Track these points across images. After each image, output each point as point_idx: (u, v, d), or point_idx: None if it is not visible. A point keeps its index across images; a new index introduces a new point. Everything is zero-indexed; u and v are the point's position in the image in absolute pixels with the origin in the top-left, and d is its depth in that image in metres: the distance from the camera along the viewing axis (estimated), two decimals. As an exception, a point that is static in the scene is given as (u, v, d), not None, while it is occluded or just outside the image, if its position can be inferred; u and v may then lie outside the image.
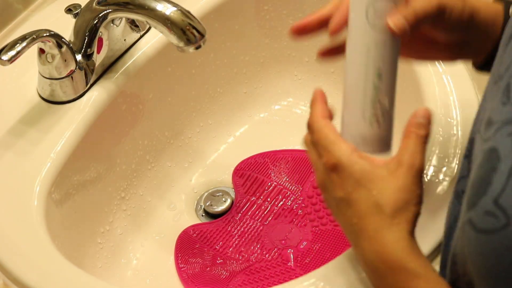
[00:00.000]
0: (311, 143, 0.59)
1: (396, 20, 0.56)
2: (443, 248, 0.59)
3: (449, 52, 0.64)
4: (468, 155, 0.55)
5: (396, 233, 0.54)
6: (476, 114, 0.55)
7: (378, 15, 0.56)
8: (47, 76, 0.83)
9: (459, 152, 0.76)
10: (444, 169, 0.75)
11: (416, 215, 0.56)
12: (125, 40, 0.89)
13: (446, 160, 0.76)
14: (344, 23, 0.59)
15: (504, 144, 0.44)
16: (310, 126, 0.59)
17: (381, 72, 0.57)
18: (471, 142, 0.54)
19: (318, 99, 0.60)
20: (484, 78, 0.85)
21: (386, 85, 0.57)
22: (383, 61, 0.57)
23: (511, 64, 0.49)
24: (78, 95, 0.85)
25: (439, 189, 0.73)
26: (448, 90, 0.83)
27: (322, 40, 1.02)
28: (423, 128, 0.57)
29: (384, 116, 0.58)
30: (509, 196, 0.43)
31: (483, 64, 0.64)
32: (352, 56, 0.57)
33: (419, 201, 0.56)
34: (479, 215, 0.44)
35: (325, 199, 0.60)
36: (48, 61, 0.81)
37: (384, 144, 0.59)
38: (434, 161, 0.76)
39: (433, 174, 0.75)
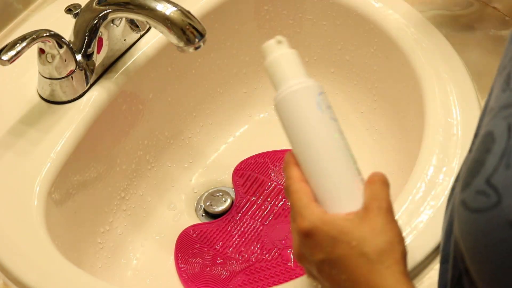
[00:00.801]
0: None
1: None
2: (443, 246, 0.59)
3: None
4: (470, 150, 0.55)
5: (390, 278, 0.53)
6: (482, 109, 0.55)
7: (326, 104, 0.58)
8: (47, 76, 0.83)
9: (459, 152, 0.76)
10: (444, 169, 0.75)
11: (404, 254, 0.55)
12: (125, 40, 0.89)
13: (446, 160, 0.76)
14: None
15: (499, 126, 0.45)
16: (285, 190, 0.58)
17: (348, 147, 0.58)
18: (475, 136, 0.54)
19: (291, 162, 0.58)
20: (484, 78, 0.85)
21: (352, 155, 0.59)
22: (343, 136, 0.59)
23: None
24: (78, 95, 0.85)
25: (439, 189, 0.73)
26: (448, 90, 0.83)
27: (322, 40, 1.02)
28: (382, 175, 0.57)
29: (360, 177, 0.58)
30: (501, 175, 0.43)
31: None
32: (318, 145, 0.57)
33: (401, 239, 0.55)
34: (471, 195, 0.44)
35: (305, 269, 0.59)
36: (48, 61, 0.81)
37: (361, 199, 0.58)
38: (434, 161, 0.76)
39: (433, 174, 0.75)
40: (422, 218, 0.71)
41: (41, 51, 0.81)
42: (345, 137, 0.58)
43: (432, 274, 0.70)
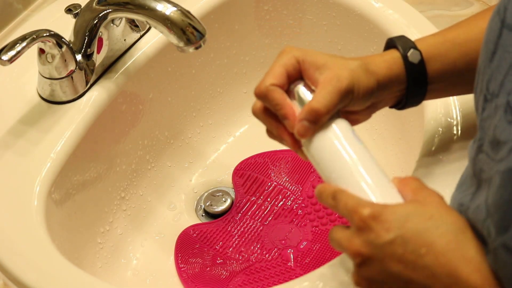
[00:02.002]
0: (333, 228, 0.57)
1: (299, 128, 0.59)
2: None
3: (364, 114, 0.65)
4: (474, 174, 0.54)
5: (473, 249, 0.50)
6: (476, 135, 0.55)
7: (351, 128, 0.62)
8: (47, 76, 0.83)
9: (459, 152, 0.76)
10: (444, 169, 0.75)
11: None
12: (125, 40, 0.89)
13: (447, 160, 0.76)
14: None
15: None
16: (333, 199, 0.56)
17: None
18: (473, 161, 0.54)
19: (326, 184, 0.58)
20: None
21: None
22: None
23: (504, 81, 0.48)
24: (78, 95, 0.85)
25: (439, 190, 0.73)
26: (448, 90, 0.83)
27: (322, 40, 1.02)
28: (412, 177, 0.58)
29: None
30: None
31: (402, 107, 0.66)
32: (344, 153, 0.59)
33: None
34: None
35: (360, 277, 0.54)
36: (48, 61, 0.81)
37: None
38: (433, 161, 0.76)
39: (433, 174, 0.75)
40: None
41: (41, 51, 0.81)
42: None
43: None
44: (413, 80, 0.64)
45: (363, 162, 0.59)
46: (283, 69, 0.61)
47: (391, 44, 0.66)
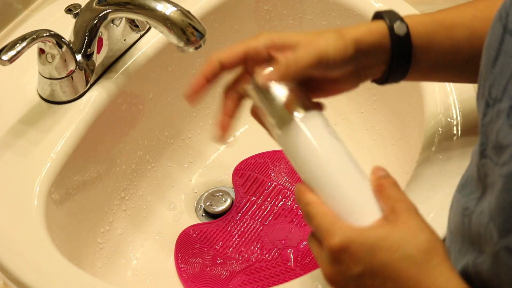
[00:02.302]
0: (311, 234, 0.57)
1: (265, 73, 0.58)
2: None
3: (350, 82, 0.65)
4: (481, 179, 0.54)
5: (440, 277, 0.51)
6: (479, 139, 0.55)
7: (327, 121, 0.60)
8: (47, 76, 0.83)
9: (459, 152, 0.76)
10: (444, 169, 0.75)
11: (446, 250, 0.53)
12: (125, 40, 0.89)
13: (446, 160, 0.76)
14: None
15: None
16: (306, 216, 0.56)
17: (350, 154, 0.59)
18: (477, 166, 0.54)
19: (305, 189, 0.57)
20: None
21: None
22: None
23: (507, 86, 0.48)
24: (78, 95, 0.85)
25: (439, 190, 0.73)
26: (448, 90, 0.83)
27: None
28: (390, 177, 0.56)
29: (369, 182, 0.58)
30: None
31: (384, 80, 0.66)
32: (332, 167, 0.58)
33: (437, 236, 0.53)
34: None
35: None
36: (48, 61, 0.81)
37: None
38: (433, 161, 0.76)
39: (433, 175, 0.75)
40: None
41: (41, 51, 0.81)
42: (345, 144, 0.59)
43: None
44: (398, 52, 0.63)
45: (339, 164, 0.57)
46: (241, 49, 0.62)
47: (378, 16, 0.66)
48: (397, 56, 0.64)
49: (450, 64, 0.66)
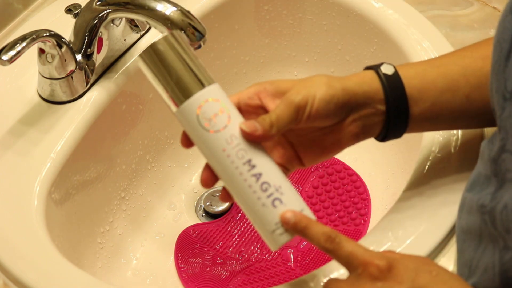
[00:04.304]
0: (332, 279, 0.57)
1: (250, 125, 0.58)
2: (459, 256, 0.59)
3: (348, 136, 0.64)
4: (496, 174, 0.54)
5: None
6: (495, 132, 0.55)
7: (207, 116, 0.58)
8: (47, 76, 0.83)
9: (459, 152, 0.76)
10: (444, 169, 0.75)
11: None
12: (125, 40, 0.89)
13: (446, 159, 0.76)
14: None
15: None
16: (336, 245, 0.56)
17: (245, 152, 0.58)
18: (494, 161, 0.54)
19: (311, 221, 0.57)
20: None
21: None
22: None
23: None
24: (78, 95, 0.85)
25: (439, 190, 0.73)
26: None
27: (322, 40, 1.02)
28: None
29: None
30: None
31: (385, 131, 0.65)
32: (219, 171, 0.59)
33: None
34: None
35: None
36: (48, 61, 0.81)
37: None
38: (434, 160, 0.76)
39: (433, 174, 0.75)
40: (421, 221, 0.71)
41: (41, 51, 0.81)
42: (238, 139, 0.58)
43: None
44: (390, 93, 0.62)
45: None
46: (235, 100, 0.61)
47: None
48: (392, 99, 0.63)
49: (451, 103, 0.64)
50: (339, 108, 0.61)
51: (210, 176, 0.60)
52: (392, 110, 0.63)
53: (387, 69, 0.63)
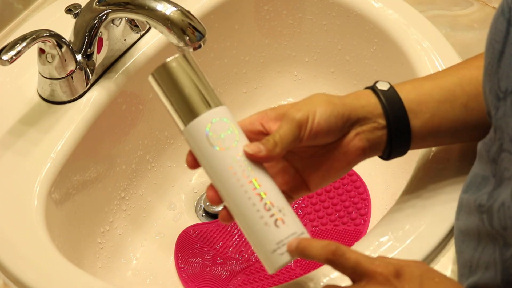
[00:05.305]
0: None
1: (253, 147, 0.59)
2: (459, 257, 0.59)
3: (353, 153, 0.64)
4: (495, 173, 0.54)
5: None
6: (491, 134, 0.55)
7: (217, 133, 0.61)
8: (47, 76, 0.83)
9: (459, 151, 0.76)
10: (444, 169, 0.75)
11: None
12: (125, 40, 0.89)
13: (446, 159, 0.76)
14: None
15: None
16: (340, 256, 0.55)
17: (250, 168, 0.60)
18: (494, 161, 0.54)
19: (310, 240, 0.57)
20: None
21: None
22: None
23: None
24: (78, 95, 0.85)
25: (439, 190, 0.73)
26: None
27: (322, 40, 1.02)
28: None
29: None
30: None
31: (390, 146, 0.65)
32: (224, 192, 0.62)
33: None
34: None
35: None
36: (48, 61, 0.81)
37: None
38: (434, 160, 0.76)
39: (433, 174, 0.75)
40: (421, 221, 0.71)
41: (41, 51, 0.81)
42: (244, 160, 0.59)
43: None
44: (389, 107, 0.63)
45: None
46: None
47: None
48: (391, 112, 0.64)
49: (450, 114, 0.65)
50: (340, 121, 0.62)
51: (217, 194, 0.62)
52: (393, 123, 0.64)
53: (382, 86, 0.65)
